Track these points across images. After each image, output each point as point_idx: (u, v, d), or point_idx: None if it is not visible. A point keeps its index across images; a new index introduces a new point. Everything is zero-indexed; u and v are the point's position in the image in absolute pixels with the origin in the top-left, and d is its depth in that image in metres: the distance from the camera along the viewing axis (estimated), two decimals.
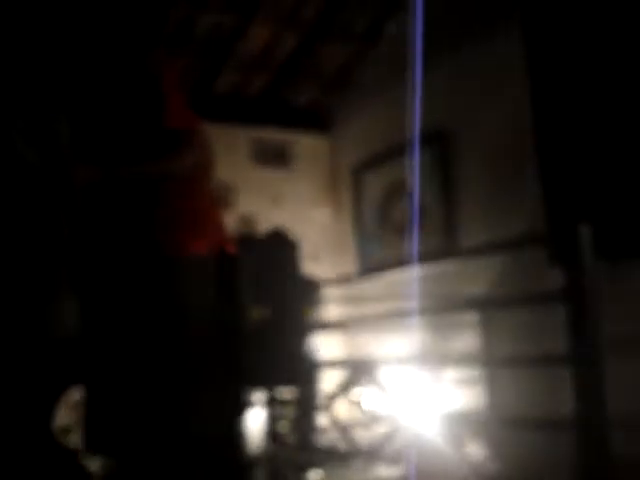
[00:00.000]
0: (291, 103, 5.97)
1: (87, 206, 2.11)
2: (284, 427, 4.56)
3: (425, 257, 4.91)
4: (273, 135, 5.89)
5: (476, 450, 4.17)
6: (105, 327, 2.13)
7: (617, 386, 3.63)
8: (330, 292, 5.14)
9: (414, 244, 4.73)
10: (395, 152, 4.93)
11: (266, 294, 3.41)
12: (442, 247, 4.90)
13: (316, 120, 6.12)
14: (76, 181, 1.88)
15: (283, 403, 4.35)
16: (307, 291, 4.66)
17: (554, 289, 2.25)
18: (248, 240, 4.18)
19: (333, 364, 4.35)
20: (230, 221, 5.47)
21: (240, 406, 3.28)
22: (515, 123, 4.38)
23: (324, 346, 5.03)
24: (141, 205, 2.23)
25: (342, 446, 4.06)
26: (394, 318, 4.16)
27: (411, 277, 4.37)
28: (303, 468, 4.36)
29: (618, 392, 3.70)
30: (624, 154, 3.76)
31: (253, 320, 3.28)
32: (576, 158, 4.03)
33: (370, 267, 5.53)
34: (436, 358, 4.67)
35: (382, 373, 4.31)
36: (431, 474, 2.86)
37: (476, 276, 4.54)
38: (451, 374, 4.56)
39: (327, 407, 3.63)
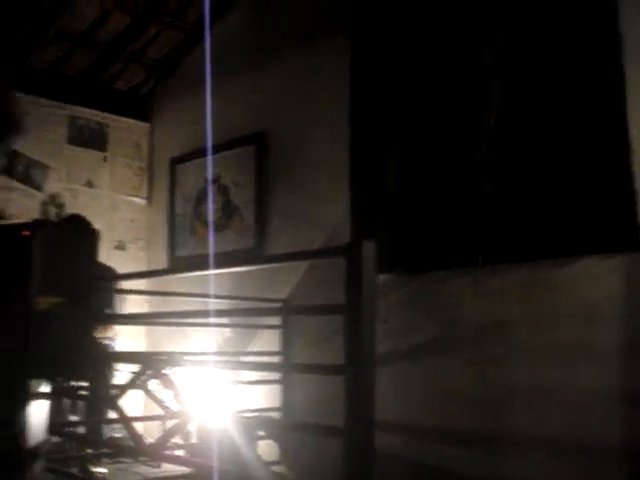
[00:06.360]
0: (113, 85, 5.77)
1: None
2: (72, 419, 4.41)
3: (235, 256, 4.93)
4: (91, 116, 5.67)
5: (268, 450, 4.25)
6: None
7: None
8: (135, 284, 5.01)
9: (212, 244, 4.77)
10: (213, 148, 4.90)
11: (57, 283, 3.26)
12: (253, 248, 4.94)
13: (137, 106, 5.97)
14: None
15: (72, 395, 4.19)
16: (103, 282, 4.49)
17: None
18: (44, 225, 3.97)
19: (127, 357, 4.24)
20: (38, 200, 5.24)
21: (23, 397, 3.13)
22: (334, 136, 4.49)
23: (124, 339, 4.91)
24: None
25: (129, 441, 3.96)
26: (197, 316, 4.13)
27: (218, 276, 4.37)
28: (89, 462, 4.23)
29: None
30: (429, 180, 3.95)
31: (41, 310, 3.15)
32: (385, 177, 4.20)
33: (180, 261, 5.46)
34: (233, 361, 4.70)
35: (178, 369, 4.26)
36: (223, 473, 2.85)
37: (280, 280, 4.62)
38: (249, 374, 4.59)
39: (116, 400, 3.53)
